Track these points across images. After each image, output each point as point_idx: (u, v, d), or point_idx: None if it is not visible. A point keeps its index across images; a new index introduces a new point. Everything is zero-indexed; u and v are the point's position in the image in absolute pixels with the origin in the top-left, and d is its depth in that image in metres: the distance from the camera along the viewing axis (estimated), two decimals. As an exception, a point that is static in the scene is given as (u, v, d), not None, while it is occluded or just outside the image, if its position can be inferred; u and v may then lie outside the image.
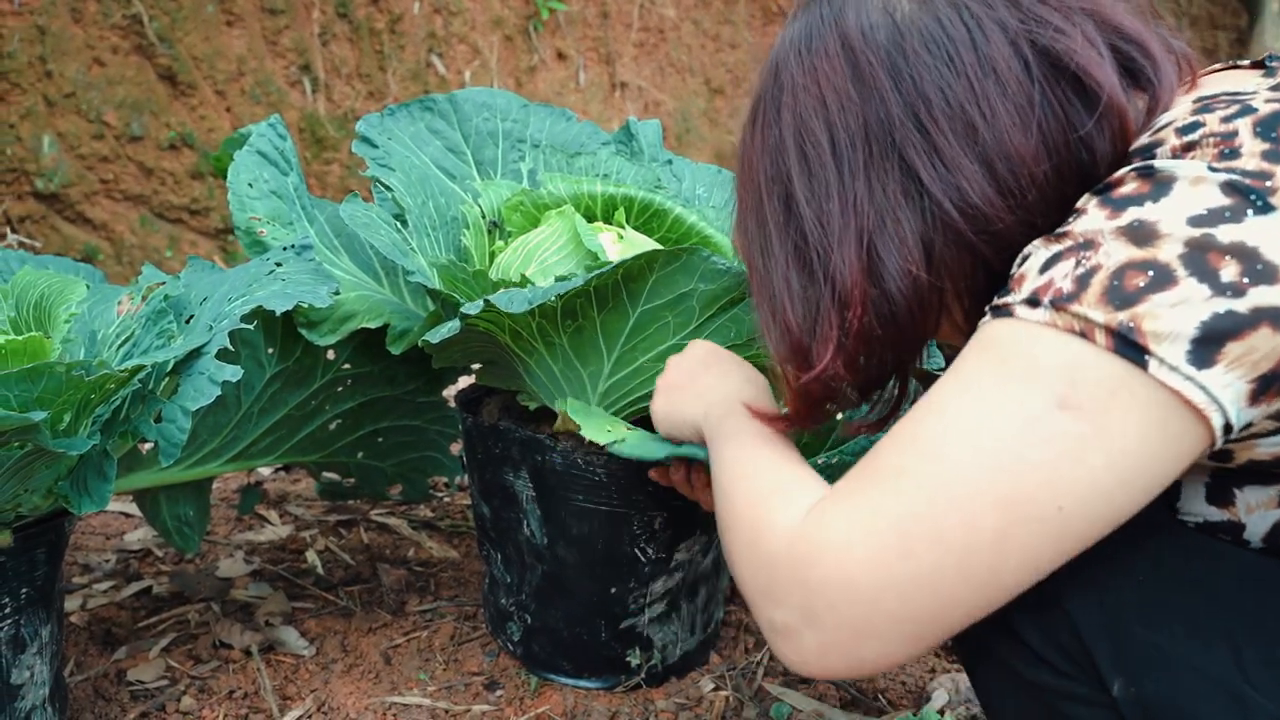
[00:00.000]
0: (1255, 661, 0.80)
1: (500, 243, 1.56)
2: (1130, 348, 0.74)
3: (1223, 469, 0.85)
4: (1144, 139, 0.84)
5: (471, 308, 1.25)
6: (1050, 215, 0.86)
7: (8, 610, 1.25)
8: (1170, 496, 0.88)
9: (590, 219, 1.54)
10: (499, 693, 1.56)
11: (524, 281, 1.35)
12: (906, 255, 0.88)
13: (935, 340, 1.01)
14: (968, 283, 0.90)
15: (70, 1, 3.35)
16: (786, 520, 0.86)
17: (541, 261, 1.42)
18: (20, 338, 1.20)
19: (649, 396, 1.39)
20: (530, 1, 4.10)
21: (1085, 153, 0.86)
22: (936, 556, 0.77)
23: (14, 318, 1.38)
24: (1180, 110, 0.84)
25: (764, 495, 0.92)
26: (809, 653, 0.82)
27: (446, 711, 1.51)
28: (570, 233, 1.43)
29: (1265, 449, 0.80)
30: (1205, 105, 0.83)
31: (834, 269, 0.90)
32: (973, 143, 0.86)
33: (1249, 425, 0.77)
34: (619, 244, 1.46)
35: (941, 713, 1.51)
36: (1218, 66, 0.96)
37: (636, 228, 1.55)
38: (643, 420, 1.37)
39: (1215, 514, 0.87)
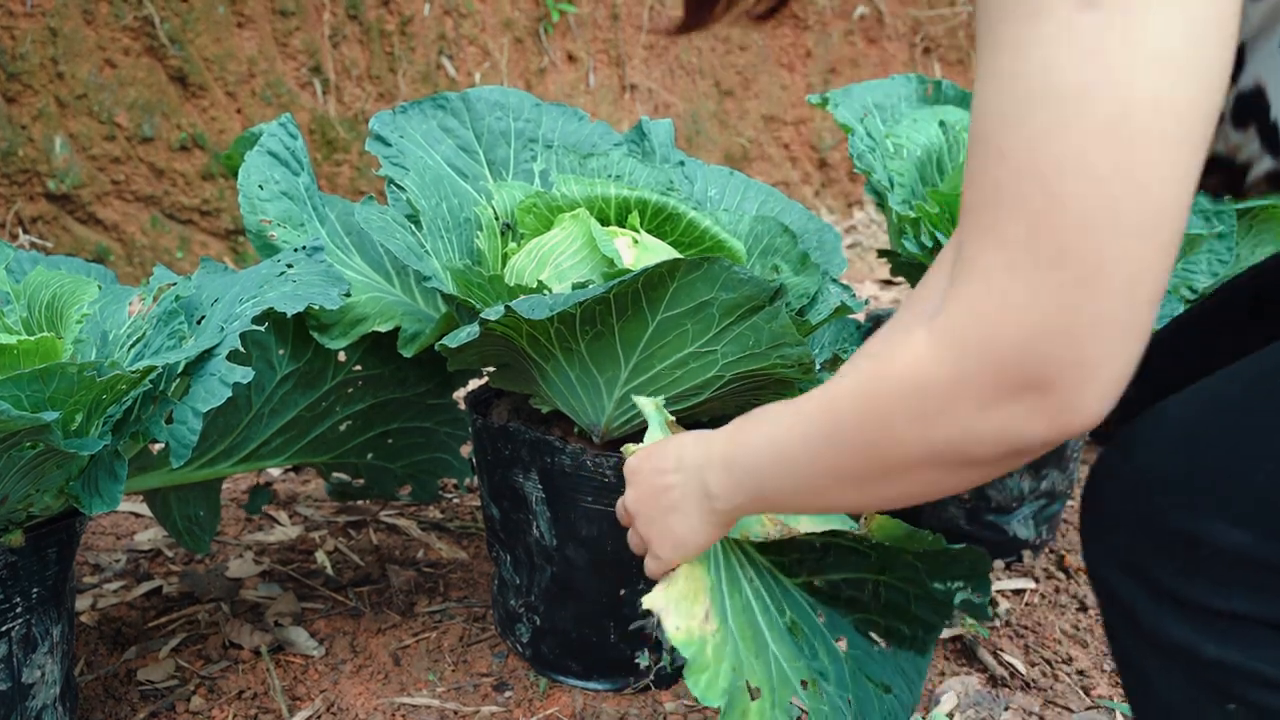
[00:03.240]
0: None
1: (513, 245, 1.55)
2: None
3: None
4: None
5: (492, 313, 1.25)
6: None
7: (19, 610, 1.25)
8: None
9: (604, 222, 1.53)
10: (508, 694, 1.56)
11: (540, 286, 1.35)
12: None
13: None
14: None
15: (82, 3, 3.36)
16: (910, 345, 0.75)
17: (556, 265, 1.42)
18: (32, 338, 1.20)
19: (666, 402, 1.39)
20: (540, 3, 4.10)
21: None
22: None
23: (26, 318, 1.38)
24: None
25: (869, 376, 0.79)
26: (1046, 423, 0.70)
27: (455, 713, 1.51)
28: (585, 236, 1.42)
29: None
30: None
31: None
32: None
33: None
34: (634, 248, 1.45)
35: (950, 716, 1.51)
36: None
37: (650, 231, 1.54)
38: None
39: None
